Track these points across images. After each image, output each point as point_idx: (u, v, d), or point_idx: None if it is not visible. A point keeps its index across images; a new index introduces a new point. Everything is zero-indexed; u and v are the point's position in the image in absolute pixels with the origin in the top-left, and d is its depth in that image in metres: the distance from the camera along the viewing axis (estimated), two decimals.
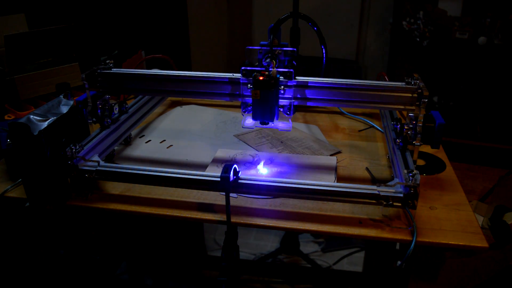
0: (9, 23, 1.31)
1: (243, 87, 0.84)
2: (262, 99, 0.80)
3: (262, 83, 0.79)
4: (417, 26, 2.30)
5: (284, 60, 0.86)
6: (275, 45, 0.85)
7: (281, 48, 0.85)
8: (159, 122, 1.15)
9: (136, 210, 0.77)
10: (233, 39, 2.96)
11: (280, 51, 0.85)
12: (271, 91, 0.79)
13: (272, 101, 0.80)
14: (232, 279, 0.72)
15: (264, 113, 0.81)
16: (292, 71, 0.82)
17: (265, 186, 0.73)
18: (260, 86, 0.79)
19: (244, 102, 0.85)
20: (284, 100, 0.85)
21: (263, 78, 0.78)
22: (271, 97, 0.80)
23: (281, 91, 0.83)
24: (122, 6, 2.01)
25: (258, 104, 0.81)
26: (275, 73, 0.80)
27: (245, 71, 0.82)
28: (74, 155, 0.76)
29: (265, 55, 0.84)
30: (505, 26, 2.14)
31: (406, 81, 0.83)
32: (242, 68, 0.82)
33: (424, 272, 0.75)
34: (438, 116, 0.78)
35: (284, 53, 0.86)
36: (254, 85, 0.79)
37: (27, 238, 1.08)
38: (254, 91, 0.79)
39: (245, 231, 2.15)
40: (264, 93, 0.79)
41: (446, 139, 0.76)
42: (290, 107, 0.85)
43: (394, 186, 0.70)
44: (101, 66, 0.91)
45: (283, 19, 0.88)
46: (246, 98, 0.85)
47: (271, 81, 0.79)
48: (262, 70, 0.80)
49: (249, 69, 0.82)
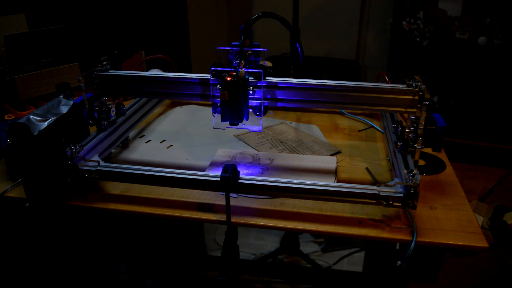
0: (9, 23, 1.30)
1: (213, 88, 0.83)
2: (230, 100, 0.78)
3: (229, 83, 0.77)
4: (417, 26, 2.30)
5: (255, 61, 0.85)
6: (245, 45, 0.84)
7: (251, 48, 0.84)
8: (159, 122, 1.15)
9: (136, 210, 0.77)
10: (232, 39, 2.96)
11: (251, 51, 0.84)
12: (239, 91, 0.78)
13: (240, 102, 0.79)
14: (232, 279, 0.72)
15: (232, 114, 0.80)
16: (262, 71, 0.81)
17: (265, 186, 0.73)
18: (228, 87, 0.78)
19: (214, 103, 0.84)
20: (254, 100, 0.83)
21: (231, 78, 0.77)
22: (239, 98, 0.79)
23: (250, 91, 0.82)
24: (122, 6, 2.01)
25: (227, 105, 0.79)
26: (244, 73, 0.79)
27: (215, 71, 0.81)
28: (74, 155, 0.76)
29: (236, 55, 0.83)
30: (505, 26, 2.14)
31: (407, 83, 0.82)
32: (212, 68, 0.81)
33: (424, 272, 0.75)
34: (440, 119, 0.78)
35: (255, 54, 0.84)
36: (222, 86, 0.78)
37: (27, 238, 1.08)
38: (222, 92, 0.78)
39: (245, 231, 2.15)
40: (232, 94, 0.78)
41: (446, 139, 0.76)
42: (260, 107, 0.84)
43: (394, 186, 0.70)
44: (98, 67, 0.90)
45: (254, 19, 0.87)
46: (217, 99, 0.83)
47: (238, 82, 0.78)
48: (230, 71, 0.79)
49: (218, 70, 0.80)
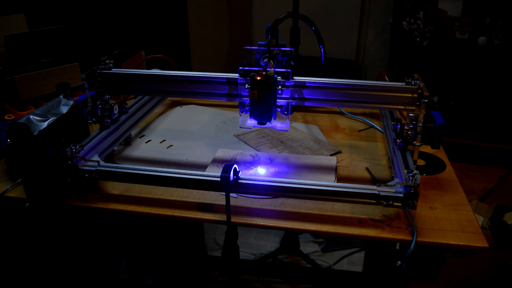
0: (9, 23, 1.31)
1: (240, 87, 0.84)
2: (259, 99, 0.79)
3: (259, 83, 0.78)
4: (417, 26, 2.30)
5: (281, 60, 0.86)
6: (272, 45, 0.85)
7: (279, 48, 0.85)
8: (159, 122, 1.15)
9: (136, 210, 0.77)
10: (233, 39, 2.96)
11: (278, 51, 0.85)
12: (269, 91, 0.79)
13: (269, 101, 0.80)
14: (232, 279, 0.72)
15: (261, 113, 0.81)
16: (290, 71, 0.82)
17: (265, 186, 0.73)
18: (258, 86, 0.78)
19: (241, 102, 0.85)
20: (282, 100, 0.84)
21: (261, 78, 0.78)
22: (269, 97, 0.79)
23: (279, 91, 0.83)
24: (122, 6, 2.01)
25: (256, 104, 0.81)
26: (273, 73, 0.80)
27: (243, 71, 0.82)
28: (74, 155, 0.76)
29: (263, 55, 0.84)
30: (505, 26, 2.14)
31: (406, 81, 0.83)
32: (240, 68, 0.82)
33: (424, 272, 0.75)
34: (438, 116, 0.78)
35: (282, 53, 0.85)
36: (251, 85, 0.79)
37: (27, 238, 1.08)
38: (251, 91, 0.79)
39: (245, 231, 2.15)
40: (261, 93, 0.79)
41: (446, 139, 0.77)
42: (288, 107, 0.85)
43: (394, 186, 0.70)
44: (101, 66, 0.91)
45: (280, 19, 0.88)
46: (244, 98, 0.85)
47: (268, 81, 0.78)
48: (259, 70, 0.80)
49: (246, 69, 0.82)
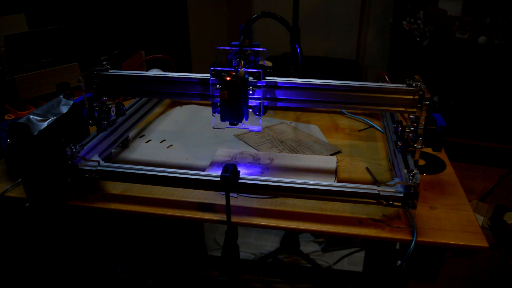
0: (9, 23, 1.30)
1: (212, 88, 0.83)
2: (229, 99, 0.79)
3: (229, 83, 0.78)
4: (417, 26, 2.30)
5: (254, 60, 0.85)
6: (245, 45, 0.84)
7: (251, 48, 0.84)
8: (159, 122, 1.15)
9: (136, 210, 0.77)
10: (233, 39, 2.96)
11: (251, 51, 0.84)
12: (239, 91, 0.78)
13: (239, 101, 0.79)
14: (232, 279, 0.72)
15: (232, 113, 0.80)
16: (261, 71, 0.81)
17: (265, 186, 0.73)
18: (228, 87, 0.78)
19: (214, 102, 0.84)
20: (254, 100, 0.84)
21: (231, 78, 0.78)
22: (239, 98, 0.79)
23: (250, 91, 0.82)
24: (122, 6, 2.01)
25: (226, 104, 0.80)
26: (243, 73, 0.79)
27: (214, 71, 0.81)
28: (74, 155, 0.76)
29: (235, 55, 0.83)
30: (505, 26, 2.14)
31: (407, 83, 0.82)
32: (211, 68, 0.81)
33: (424, 272, 0.75)
34: (440, 119, 0.78)
35: (255, 54, 0.84)
36: (221, 86, 0.78)
37: (27, 238, 1.08)
38: (222, 91, 0.78)
39: (245, 231, 2.15)
40: (231, 94, 0.78)
41: (446, 139, 0.76)
42: (260, 107, 0.84)
43: (394, 185, 0.70)
44: (98, 67, 0.90)
45: (253, 19, 0.87)
46: (216, 99, 0.84)
47: (238, 82, 0.78)
48: (230, 71, 0.79)
49: (218, 70, 0.81)
